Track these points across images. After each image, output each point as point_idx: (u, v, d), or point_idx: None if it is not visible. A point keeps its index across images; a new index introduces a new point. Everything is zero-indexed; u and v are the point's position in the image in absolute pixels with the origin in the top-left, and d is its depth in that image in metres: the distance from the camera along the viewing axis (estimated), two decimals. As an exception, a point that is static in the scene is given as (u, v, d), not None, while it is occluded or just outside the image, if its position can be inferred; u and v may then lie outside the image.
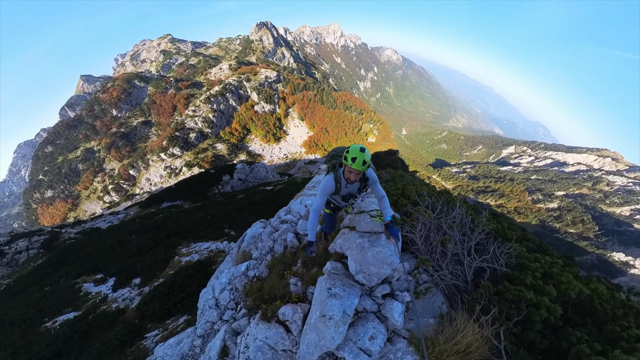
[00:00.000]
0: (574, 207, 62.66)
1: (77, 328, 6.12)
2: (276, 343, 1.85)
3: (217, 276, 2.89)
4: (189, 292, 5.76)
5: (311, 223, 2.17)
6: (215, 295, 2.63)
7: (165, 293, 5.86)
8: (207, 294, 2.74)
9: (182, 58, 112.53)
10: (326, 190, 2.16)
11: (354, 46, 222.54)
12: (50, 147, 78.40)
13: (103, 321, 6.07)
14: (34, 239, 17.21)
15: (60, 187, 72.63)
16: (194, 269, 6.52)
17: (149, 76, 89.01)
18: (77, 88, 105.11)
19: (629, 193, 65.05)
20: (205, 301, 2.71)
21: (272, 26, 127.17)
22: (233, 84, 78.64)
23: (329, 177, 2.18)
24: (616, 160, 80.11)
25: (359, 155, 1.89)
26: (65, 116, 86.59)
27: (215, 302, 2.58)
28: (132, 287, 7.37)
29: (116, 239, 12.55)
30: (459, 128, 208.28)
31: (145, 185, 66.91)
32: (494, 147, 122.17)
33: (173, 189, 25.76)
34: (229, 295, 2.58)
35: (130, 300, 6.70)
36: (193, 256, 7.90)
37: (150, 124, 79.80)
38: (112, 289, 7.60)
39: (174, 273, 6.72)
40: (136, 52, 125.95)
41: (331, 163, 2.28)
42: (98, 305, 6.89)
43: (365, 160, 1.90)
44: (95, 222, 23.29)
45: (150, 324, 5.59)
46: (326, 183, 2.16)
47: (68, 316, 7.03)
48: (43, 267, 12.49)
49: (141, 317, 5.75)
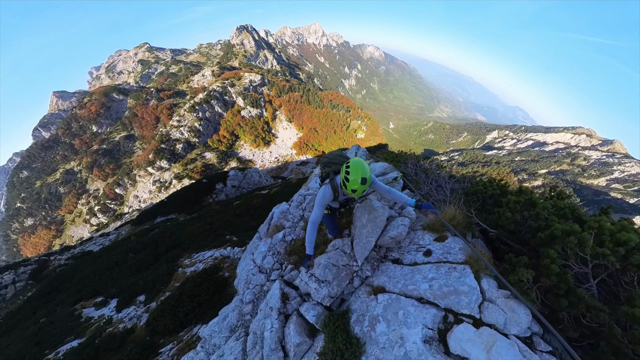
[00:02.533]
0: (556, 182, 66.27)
1: (84, 355, 5.88)
2: (337, 260, 2.25)
3: (252, 252, 3.27)
4: (199, 300, 5.69)
5: (309, 236, 2.10)
6: (257, 264, 2.99)
7: (174, 305, 5.75)
8: (247, 266, 3.08)
9: (161, 67, 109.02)
10: (324, 201, 2.04)
11: (336, 45, 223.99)
12: (25, 171, 73.70)
13: (112, 343, 5.87)
14: (20, 271, 16.20)
15: (42, 214, 68.48)
16: (201, 277, 6.43)
17: (127, 88, 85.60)
18: (51, 106, 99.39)
19: (604, 165, 69.65)
20: (247, 272, 3.00)
21: (253, 29, 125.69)
22: (217, 91, 77.15)
23: (326, 187, 2.04)
24: (590, 136, 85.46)
25: (359, 188, 1.72)
26: (39, 137, 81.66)
27: (258, 269, 2.92)
28: (137, 305, 7.15)
29: (112, 259, 12.07)
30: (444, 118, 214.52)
31: (134, 203, 64.36)
32: (478, 134, 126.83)
33: (165, 203, 25.01)
34: (272, 259, 2.91)
35: (137, 318, 6.51)
36: (197, 266, 7.77)
37: (134, 137, 76.80)
38: (116, 309, 7.34)
39: (181, 284, 6.60)
40: (112, 63, 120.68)
41: (325, 171, 2.16)
42: (103, 328, 6.64)
43: (364, 189, 1.76)
44: (85, 245, 22.21)
45: (163, 339, 5.48)
46: (324, 194, 2.02)
47: (72, 344, 6.72)
48: (34, 299, 11.81)
49: (152, 333, 5.62)
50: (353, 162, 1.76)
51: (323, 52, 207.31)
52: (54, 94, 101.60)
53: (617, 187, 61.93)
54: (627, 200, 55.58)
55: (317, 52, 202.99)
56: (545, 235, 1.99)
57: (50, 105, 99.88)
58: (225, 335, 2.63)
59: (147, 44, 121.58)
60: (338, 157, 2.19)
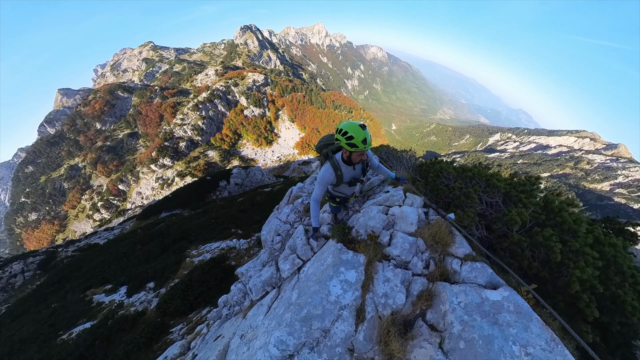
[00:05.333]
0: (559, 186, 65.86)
1: (98, 334, 6.20)
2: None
3: (277, 215, 4.26)
4: (207, 285, 5.99)
5: (313, 212, 2.20)
6: (283, 220, 3.99)
7: (184, 290, 6.05)
8: (273, 223, 4.04)
9: (165, 65, 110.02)
10: (325, 179, 2.04)
11: (339, 45, 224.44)
12: (30, 167, 74.75)
13: (124, 324, 6.18)
14: (29, 261, 16.64)
15: (46, 209, 69.37)
16: (209, 265, 6.73)
17: (132, 86, 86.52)
18: (56, 102, 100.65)
19: (608, 169, 69.09)
20: (275, 227, 3.92)
21: (257, 29, 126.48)
22: (221, 90, 77.75)
23: (326, 166, 2.04)
24: (594, 140, 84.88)
25: (367, 134, 1.71)
26: (44, 133, 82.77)
27: (284, 222, 3.94)
28: (147, 291, 7.46)
29: (120, 250, 12.42)
30: (447, 120, 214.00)
31: (136, 200, 65.01)
32: (481, 136, 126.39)
33: (170, 198, 25.41)
34: (294, 215, 3.99)
35: (147, 302, 6.82)
36: (205, 255, 8.07)
37: (137, 135, 77.61)
38: (127, 295, 7.65)
39: (190, 272, 6.90)
40: (117, 61, 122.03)
41: (323, 152, 2.16)
42: (115, 311, 6.96)
43: (370, 144, 1.76)
44: (91, 239, 22.65)
45: (173, 320, 5.78)
46: (324, 173, 2.03)
47: (85, 326, 7.05)
48: (44, 287, 12.18)
49: (163, 315, 5.92)
50: (344, 124, 1.77)
51: (326, 53, 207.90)
52: (59, 91, 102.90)
53: (621, 192, 61.44)
54: (630, 205, 55.13)
55: (320, 53, 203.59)
56: (456, 188, 3.05)
57: (55, 102, 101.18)
58: (259, 269, 3.43)
59: (151, 42, 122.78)
60: (332, 137, 2.17)
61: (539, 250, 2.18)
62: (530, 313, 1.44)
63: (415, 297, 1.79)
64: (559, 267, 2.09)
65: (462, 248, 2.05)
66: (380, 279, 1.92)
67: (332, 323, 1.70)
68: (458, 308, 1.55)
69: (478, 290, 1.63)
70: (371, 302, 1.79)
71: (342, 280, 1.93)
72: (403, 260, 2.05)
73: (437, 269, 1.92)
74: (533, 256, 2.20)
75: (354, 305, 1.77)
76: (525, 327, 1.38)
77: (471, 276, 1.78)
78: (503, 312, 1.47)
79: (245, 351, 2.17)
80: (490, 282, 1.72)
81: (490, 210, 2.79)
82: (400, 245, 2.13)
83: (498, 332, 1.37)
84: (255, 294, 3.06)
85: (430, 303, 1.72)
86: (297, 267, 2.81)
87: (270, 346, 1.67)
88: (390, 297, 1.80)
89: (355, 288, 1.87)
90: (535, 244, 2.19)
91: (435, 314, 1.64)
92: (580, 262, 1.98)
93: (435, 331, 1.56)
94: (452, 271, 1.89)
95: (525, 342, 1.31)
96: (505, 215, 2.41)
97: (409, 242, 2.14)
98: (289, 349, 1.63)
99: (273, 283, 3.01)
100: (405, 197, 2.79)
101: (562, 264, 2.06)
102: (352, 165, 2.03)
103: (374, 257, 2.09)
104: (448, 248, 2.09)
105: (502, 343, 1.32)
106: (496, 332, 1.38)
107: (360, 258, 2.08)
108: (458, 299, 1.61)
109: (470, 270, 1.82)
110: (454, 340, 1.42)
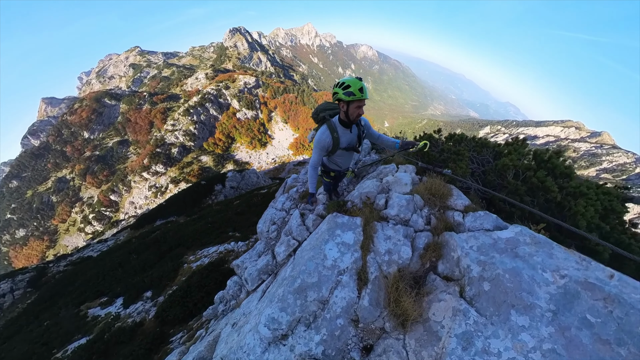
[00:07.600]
0: (548, 175, 68.05)
1: (95, 349, 5.96)
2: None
3: (272, 205, 4.27)
4: (207, 290, 5.84)
5: (310, 177, 2.10)
6: (279, 208, 3.99)
7: (183, 296, 5.89)
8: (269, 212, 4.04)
9: (154, 71, 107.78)
10: (321, 142, 1.91)
11: (329, 45, 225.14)
12: (15, 181, 71.87)
13: (121, 337, 5.96)
14: (18, 279, 15.93)
15: (34, 225, 66.79)
16: (208, 269, 6.58)
17: (119, 93, 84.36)
18: (40, 112, 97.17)
19: (593, 156, 71.66)
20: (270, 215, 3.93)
21: (246, 31, 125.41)
22: (212, 93, 76.75)
23: (323, 128, 1.92)
24: (579, 128, 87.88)
25: (363, 85, 1.66)
26: (28, 145, 79.75)
27: (279, 210, 3.96)
28: (144, 301, 7.23)
29: (114, 261, 12.03)
30: (438, 115, 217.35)
31: (129, 210, 63.39)
32: (472, 130, 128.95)
33: (165, 206, 24.85)
34: (290, 203, 4.02)
35: (145, 312, 6.60)
36: (203, 260, 7.89)
37: (127, 143, 75.72)
38: (123, 306, 7.40)
39: (188, 277, 6.73)
40: (102, 68, 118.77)
41: (320, 117, 2.06)
42: (112, 324, 6.71)
43: (364, 88, 1.68)
44: (83, 252, 21.90)
45: (173, 329, 5.61)
46: (321, 135, 1.91)
47: (80, 342, 6.77)
48: (36, 304, 11.68)
49: (162, 324, 5.74)
50: (342, 79, 1.75)
51: (317, 53, 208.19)
52: (42, 101, 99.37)
53: (606, 177, 63.81)
54: (615, 189, 57.37)
55: (311, 53, 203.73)
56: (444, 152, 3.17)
57: (39, 112, 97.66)
58: (255, 259, 3.36)
59: (138, 47, 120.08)
60: (330, 104, 2.11)
61: (537, 196, 2.11)
62: (550, 241, 1.31)
63: (422, 250, 1.64)
64: (560, 211, 2.02)
65: (460, 200, 1.94)
66: (381, 237, 1.75)
67: (331, 291, 1.48)
68: (471, 251, 1.40)
69: (487, 234, 1.48)
70: (373, 262, 1.60)
71: (338, 242, 1.71)
72: (402, 218, 1.91)
73: (440, 222, 1.80)
74: (532, 202, 2.14)
75: (354, 268, 1.56)
76: (549, 255, 1.24)
77: (476, 224, 1.65)
78: (520, 245, 1.32)
79: (234, 338, 1.90)
80: (497, 226, 1.58)
81: (482, 168, 2.80)
82: (397, 204, 1.99)
83: (522, 263, 1.22)
84: (251, 283, 2.88)
85: (439, 253, 1.56)
86: (293, 248, 2.66)
87: (261, 326, 1.43)
88: (394, 252, 1.63)
89: (354, 249, 1.66)
90: (532, 189, 2.12)
91: (447, 264, 1.47)
92: (580, 202, 1.93)
93: (452, 281, 1.40)
94: (456, 223, 1.76)
95: (555, 267, 1.18)
96: (498, 165, 2.37)
97: (406, 199, 2.01)
98: (281, 327, 1.40)
99: (269, 270, 2.87)
100: (398, 169, 2.78)
101: (563, 207, 1.99)
102: (349, 126, 1.91)
103: (371, 218, 1.94)
104: (446, 201, 1.98)
105: (531, 272, 1.18)
106: (520, 264, 1.22)
107: (356, 220, 1.90)
108: (469, 243, 1.46)
109: (474, 219, 1.70)
110: (476, 284, 1.26)
